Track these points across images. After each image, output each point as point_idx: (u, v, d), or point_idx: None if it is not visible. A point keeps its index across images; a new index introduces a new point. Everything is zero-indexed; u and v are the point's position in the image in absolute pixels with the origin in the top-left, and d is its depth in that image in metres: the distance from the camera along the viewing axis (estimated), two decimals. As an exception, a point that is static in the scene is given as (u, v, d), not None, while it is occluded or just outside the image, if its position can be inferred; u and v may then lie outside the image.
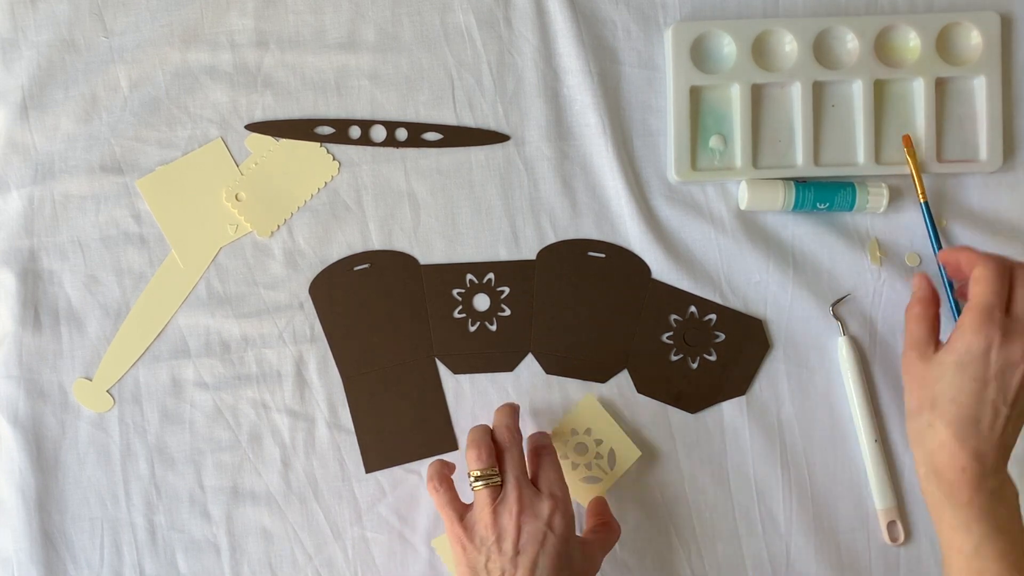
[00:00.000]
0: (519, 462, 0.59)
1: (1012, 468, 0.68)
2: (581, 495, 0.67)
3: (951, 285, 0.66)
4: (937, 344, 0.58)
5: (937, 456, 0.56)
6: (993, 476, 0.55)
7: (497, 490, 0.58)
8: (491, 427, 0.62)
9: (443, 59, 0.68)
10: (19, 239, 0.68)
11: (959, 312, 0.66)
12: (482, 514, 0.58)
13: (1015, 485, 0.56)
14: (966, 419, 0.55)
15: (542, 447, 0.62)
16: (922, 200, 0.66)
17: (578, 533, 0.62)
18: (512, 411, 0.63)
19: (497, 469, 0.59)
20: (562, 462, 0.64)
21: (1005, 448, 0.56)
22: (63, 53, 0.68)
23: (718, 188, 0.69)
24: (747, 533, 0.68)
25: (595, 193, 0.69)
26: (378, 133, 0.68)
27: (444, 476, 0.61)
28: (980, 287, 0.56)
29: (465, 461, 0.61)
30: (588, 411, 0.67)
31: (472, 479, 0.59)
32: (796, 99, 0.68)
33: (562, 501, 0.58)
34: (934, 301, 0.60)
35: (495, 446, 0.60)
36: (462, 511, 0.59)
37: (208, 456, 0.68)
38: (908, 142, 0.66)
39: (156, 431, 0.68)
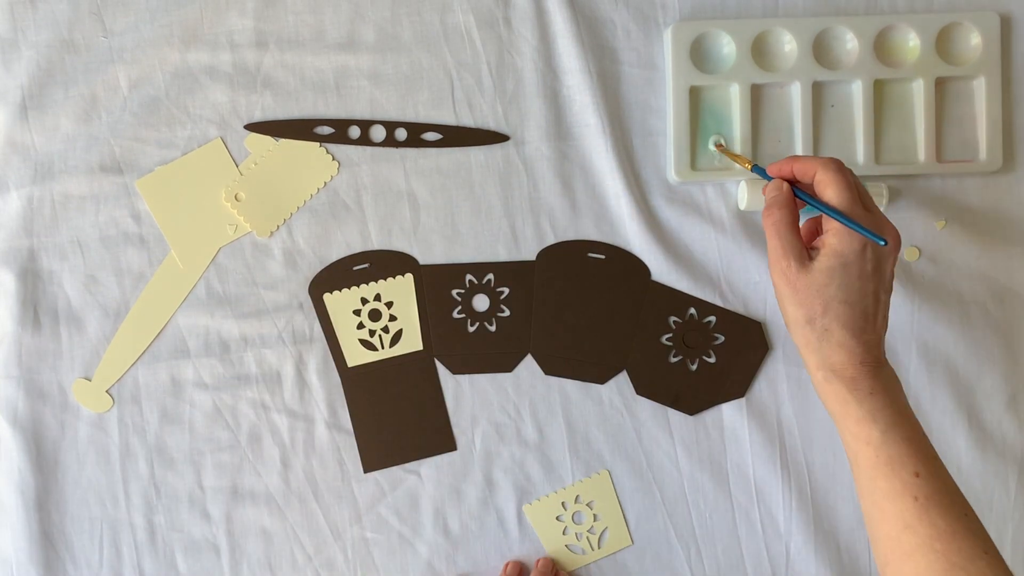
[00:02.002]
0: None
1: (1011, 469, 0.68)
2: (561, 559, 0.68)
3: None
4: (809, 251, 0.58)
5: (836, 356, 0.56)
6: (885, 364, 0.57)
7: None
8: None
9: (443, 59, 0.68)
10: (18, 239, 0.68)
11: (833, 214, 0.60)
12: None
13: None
14: (859, 316, 0.56)
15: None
16: (748, 167, 0.64)
17: None
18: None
19: None
20: (555, 523, 0.67)
21: (883, 334, 0.58)
22: (63, 53, 0.68)
23: (718, 188, 0.69)
24: (747, 533, 0.68)
25: (595, 193, 0.69)
26: (378, 133, 0.68)
27: None
28: (833, 189, 0.57)
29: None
30: (599, 486, 0.68)
31: None
32: (796, 99, 0.68)
33: None
34: (793, 204, 0.60)
35: None
36: None
37: (207, 456, 0.68)
38: (721, 148, 0.67)
39: (155, 431, 0.68)
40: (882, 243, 0.55)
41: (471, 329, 0.68)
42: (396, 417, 0.68)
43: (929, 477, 0.53)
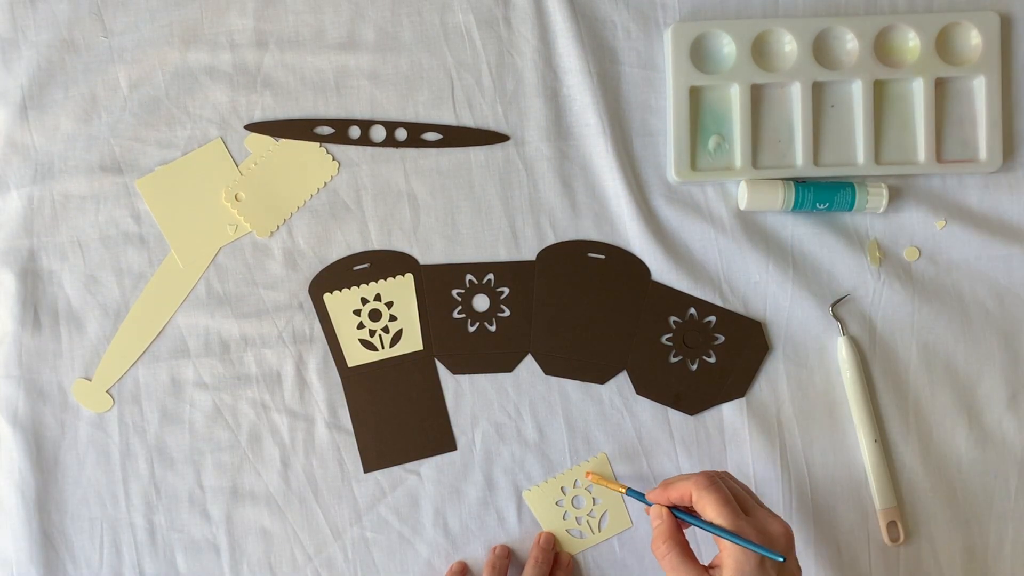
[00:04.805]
0: None
1: (1011, 469, 0.68)
2: (562, 543, 0.68)
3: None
4: (701, 568, 0.56)
5: None
6: None
7: None
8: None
9: (443, 59, 0.68)
10: (19, 239, 0.68)
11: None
12: None
13: None
14: None
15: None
16: (623, 491, 0.63)
17: None
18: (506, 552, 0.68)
19: None
20: (554, 508, 0.67)
21: None
22: (63, 53, 0.68)
23: (718, 188, 0.69)
24: (747, 533, 0.68)
25: (595, 193, 0.69)
26: (378, 133, 0.68)
27: None
28: (712, 507, 0.55)
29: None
30: (597, 469, 0.68)
31: None
32: (796, 99, 0.68)
33: None
34: (678, 531, 0.58)
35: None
36: None
37: (208, 456, 0.68)
38: (591, 475, 0.67)
39: (156, 431, 0.68)
40: (781, 559, 0.53)
41: (471, 329, 0.68)
42: (396, 417, 0.68)
43: None
